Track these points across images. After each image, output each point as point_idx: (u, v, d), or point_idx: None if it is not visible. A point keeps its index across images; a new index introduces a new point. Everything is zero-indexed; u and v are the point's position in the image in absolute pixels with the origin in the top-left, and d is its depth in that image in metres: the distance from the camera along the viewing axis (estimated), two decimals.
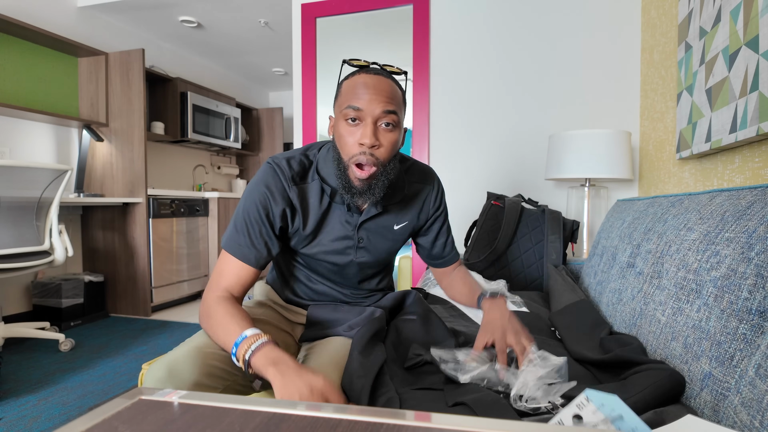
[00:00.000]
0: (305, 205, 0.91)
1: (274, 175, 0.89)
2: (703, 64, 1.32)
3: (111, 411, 0.41)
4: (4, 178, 1.93)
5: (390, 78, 0.86)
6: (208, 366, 0.78)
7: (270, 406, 0.42)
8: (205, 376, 0.77)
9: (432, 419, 0.39)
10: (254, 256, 0.87)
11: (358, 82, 0.83)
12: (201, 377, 0.76)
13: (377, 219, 0.97)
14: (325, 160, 0.92)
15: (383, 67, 0.89)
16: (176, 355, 0.77)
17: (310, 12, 2.62)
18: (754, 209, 0.67)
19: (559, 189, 2.28)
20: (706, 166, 1.39)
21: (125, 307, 3.13)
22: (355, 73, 0.86)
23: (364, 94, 0.82)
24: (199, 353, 0.78)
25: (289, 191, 0.89)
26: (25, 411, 1.67)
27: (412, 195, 1.02)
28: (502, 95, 2.33)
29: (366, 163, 0.82)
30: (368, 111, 0.81)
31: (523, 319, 1.23)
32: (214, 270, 0.88)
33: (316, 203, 0.92)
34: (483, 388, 0.75)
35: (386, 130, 0.83)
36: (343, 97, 0.85)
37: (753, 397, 0.55)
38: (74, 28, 3.16)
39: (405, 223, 1.01)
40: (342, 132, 0.84)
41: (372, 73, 0.84)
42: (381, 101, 0.81)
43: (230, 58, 4.43)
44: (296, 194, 0.90)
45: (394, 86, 0.86)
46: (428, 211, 1.05)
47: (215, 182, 4.72)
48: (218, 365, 0.80)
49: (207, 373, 0.77)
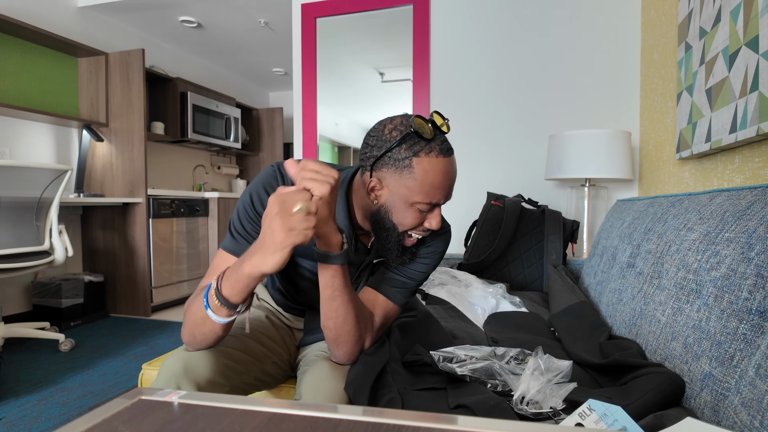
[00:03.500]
0: None
1: (275, 178, 0.83)
2: (703, 64, 1.32)
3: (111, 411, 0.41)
4: (4, 178, 1.93)
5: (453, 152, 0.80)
6: (221, 364, 0.78)
7: (270, 406, 0.42)
8: (219, 374, 0.77)
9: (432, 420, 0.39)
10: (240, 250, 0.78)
11: (440, 171, 0.75)
12: (215, 375, 0.76)
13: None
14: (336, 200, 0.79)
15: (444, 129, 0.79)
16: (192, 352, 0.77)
17: (310, 12, 2.62)
18: (754, 209, 0.67)
19: (559, 189, 2.28)
20: (706, 166, 1.39)
21: (125, 307, 3.13)
22: (430, 151, 0.75)
23: (444, 188, 0.77)
24: (214, 351, 0.78)
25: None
26: (25, 411, 1.67)
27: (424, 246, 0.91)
28: (502, 95, 2.33)
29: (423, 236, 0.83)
30: (444, 201, 0.79)
31: (522, 319, 1.24)
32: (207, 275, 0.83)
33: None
34: (486, 390, 0.75)
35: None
36: (419, 185, 0.75)
37: (753, 397, 0.55)
38: (74, 28, 3.16)
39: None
40: (407, 214, 0.78)
41: (447, 155, 0.77)
42: (452, 190, 0.80)
43: (230, 58, 4.43)
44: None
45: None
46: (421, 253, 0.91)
47: (215, 182, 4.72)
48: (231, 365, 0.80)
49: (220, 372, 0.77)
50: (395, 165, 0.75)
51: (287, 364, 0.97)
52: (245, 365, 0.84)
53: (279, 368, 0.94)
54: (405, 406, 0.71)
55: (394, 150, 0.75)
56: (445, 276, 1.52)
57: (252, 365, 0.86)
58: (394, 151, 0.75)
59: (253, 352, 0.87)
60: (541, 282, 1.66)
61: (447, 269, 1.59)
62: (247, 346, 0.86)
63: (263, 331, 0.94)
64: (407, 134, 0.75)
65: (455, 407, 0.71)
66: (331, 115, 2.69)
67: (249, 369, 0.85)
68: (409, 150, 0.74)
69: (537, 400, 0.70)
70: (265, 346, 0.91)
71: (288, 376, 1.00)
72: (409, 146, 0.74)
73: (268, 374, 0.91)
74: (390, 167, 0.76)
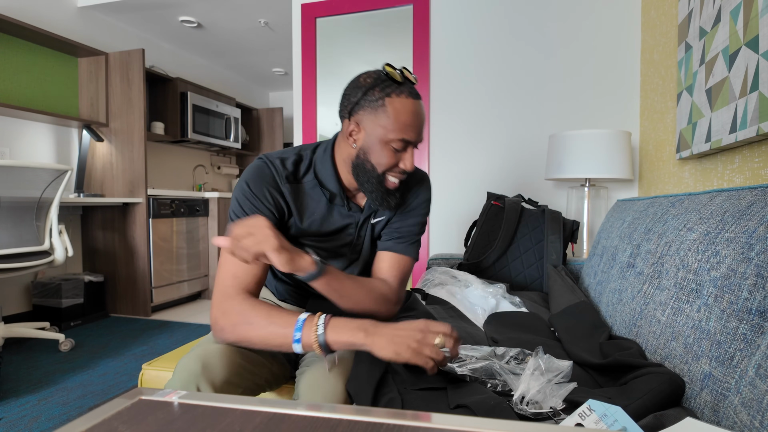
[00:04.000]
0: (299, 202, 0.92)
1: (266, 170, 0.89)
2: (703, 64, 1.32)
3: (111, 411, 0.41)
4: (4, 178, 1.93)
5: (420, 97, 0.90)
6: (236, 365, 0.78)
7: (270, 406, 0.42)
8: (235, 374, 0.77)
9: (432, 419, 0.39)
10: None
11: (410, 111, 0.84)
12: (231, 376, 0.76)
13: (375, 214, 0.99)
14: (322, 164, 0.93)
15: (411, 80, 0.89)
16: (210, 350, 0.77)
17: (310, 12, 2.62)
18: (754, 209, 0.67)
19: (559, 189, 2.28)
20: (706, 166, 1.39)
21: (125, 307, 3.13)
22: (401, 93, 0.84)
23: (416, 127, 0.86)
24: (230, 350, 0.79)
25: (282, 187, 0.90)
26: (25, 411, 1.67)
27: (410, 190, 1.02)
28: (502, 95, 2.33)
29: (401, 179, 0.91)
30: (414, 141, 0.88)
31: (522, 319, 1.24)
32: (218, 274, 0.84)
33: (312, 202, 0.93)
34: (486, 390, 0.75)
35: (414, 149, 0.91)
36: (392, 123, 0.84)
37: (753, 397, 0.55)
38: (74, 28, 3.16)
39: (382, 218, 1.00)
40: (383, 153, 0.86)
41: (415, 97, 0.86)
42: (422, 131, 0.89)
43: (230, 58, 4.43)
44: (289, 191, 0.90)
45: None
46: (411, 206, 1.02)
47: (215, 182, 4.72)
48: (244, 364, 0.81)
49: (236, 372, 0.78)
50: (370, 106, 0.85)
51: (293, 364, 0.98)
52: (257, 366, 0.84)
53: (284, 368, 0.95)
54: (405, 405, 0.71)
55: (369, 93, 0.85)
56: (445, 276, 1.52)
57: (262, 366, 0.87)
58: (369, 93, 0.85)
59: (263, 353, 0.87)
60: (541, 282, 1.66)
61: (447, 269, 1.59)
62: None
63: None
64: (379, 78, 0.85)
65: (455, 407, 0.71)
66: (331, 115, 2.69)
67: (260, 370, 0.86)
68: (382, 92, 0.84)
69: (537, 400, 0.70)
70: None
71: (291, 376, 1.00)
72: (381, 89, 0.84)
73: (274, 374, 0.92)
74: (366, 109, 0.85)
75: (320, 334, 0.72)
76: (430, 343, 0.71)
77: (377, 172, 0.87)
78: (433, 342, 0.71)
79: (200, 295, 3.75)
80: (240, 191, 0.88)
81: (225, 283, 0.82)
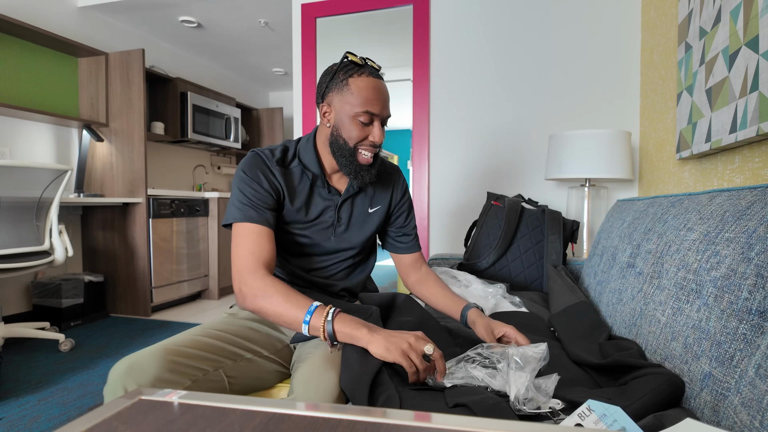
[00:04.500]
0: (290, 185, 1.03)
1: (260, 158, 1.01)
2: (703, 64, 1.32)
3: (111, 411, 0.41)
4: (4, 178, 1.93)
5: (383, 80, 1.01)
6: (170, 362, 0.79)
7: (270, 406, 0.42)
8: (168, 371, 0.78)
9: (432, 419, 0.39)
10: (265, 218, 0.96)
11: (371, 87, 0.96)
12: (163, 372, 0.77)
13: (354, 200, 1.10)
14: (305, 150, 1.05)
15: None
16: (139, 353, 0.80)
17: (310, 12, 2.62)
18: (754, 209, 0.67)
19: (559, 189, 2.28)
20: (706, 166, 1.39)
21: (125, 307, 3.13)
22: (362, 74, 0.96)
23: (378, 101, 0.96)
24: (161, 350, 0.80)
25: (273, 170, 1.01)
26: (25, 411, 1.67)
27: (384, 179, 1.16)
28: (502, 95, 2.33)
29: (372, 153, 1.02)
30: (380, 116, 0.98)
31: (522, 319, 1.24)
32: (235, 253, 0.94)
33: (299, 185, 1.04)
34: (485, 390, 0.75)
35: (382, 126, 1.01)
36: (356, 98, 0.96)
37: (753, 397, 0.55)
38: (74, 28, 3.16)
39: (378, 207, 1.15)
40: (352, 127, 0.97)
41: (376, 77, 0.98)
42: (387, 107, 0.99)
43: (230, 58, 4.43)
44: (281, 175, 1.01)
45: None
46: (397, 197, 1.19)
47: (215, 182, 4.72)
48: (182, 361, 0.82)
49: (169, 369, 0.79)
50: (337, 87, 0.97)
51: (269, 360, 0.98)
52: (202, 361, 0.85)
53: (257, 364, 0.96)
54: (403, 404, 0.71)
55: (335, 76, 0.98)
56: (445, 276, 1.52)
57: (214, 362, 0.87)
58: (335, 77, 0.98)
59: (213, 350, 0.88)
60: (541, 282, 1.66)
61: (447, 269, 1.59)
62: (206, 344, 0.88)
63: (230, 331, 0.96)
64: (342, 63, 0.98)
65: (454, 406, 0.70)
66: None
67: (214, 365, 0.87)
68: (345, 74, 0.97)
69: (529, 397, 0.70)
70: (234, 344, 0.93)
71: (282, 374, 1.00)
72: (345, 72, 0.97)
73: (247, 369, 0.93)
74: (333, 90, 0.98)
75: (329, 321, 0.81)
76: (419, 350, 0.77)
77: (349, 146, 0.98)
78: (423, 349, 0.77)
79: (200, 295, 3.75)
80: (239, 180, 0.99)
81: (246, 258, 0.92)
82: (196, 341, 0.87)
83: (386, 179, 1.17)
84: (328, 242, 1.09)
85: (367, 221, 1.13)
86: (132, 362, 0.77)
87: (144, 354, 0.79)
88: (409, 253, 1.21)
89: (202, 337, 0.89)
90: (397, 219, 1.20)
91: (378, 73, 0.99)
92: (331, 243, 1.09)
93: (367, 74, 0.97)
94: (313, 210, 1.06)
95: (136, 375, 0.76)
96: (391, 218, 1.20)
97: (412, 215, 1.22)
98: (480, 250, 1.72)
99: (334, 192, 1.07)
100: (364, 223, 1.12)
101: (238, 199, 0.97)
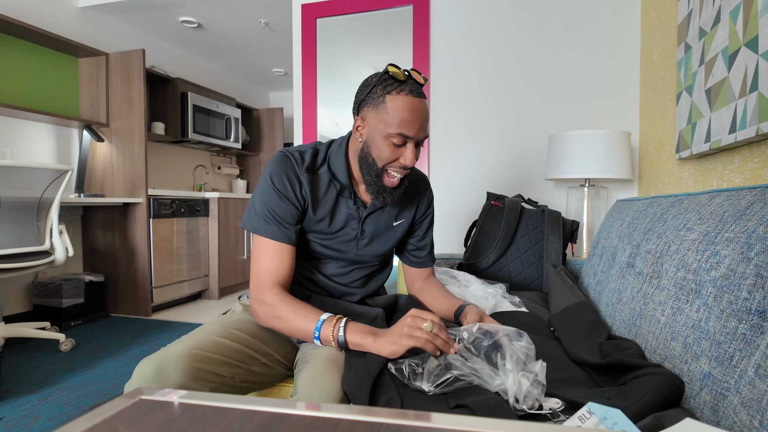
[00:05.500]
0: (315, 192, 0.99)
1: (289, 163, 0.97)
2: (703, 64, 1.32)
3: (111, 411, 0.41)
4: (5, 179, 1.93)
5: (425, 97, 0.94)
6: (195, 369, 0.79)
7: (270, 406, 0.42)
8: (191, 379, 0.78)
9: (432, 419, 0.39)
10: (287, 235, 0.95)
11: (408, 107, 0.89)
12: (187, 380, 0.78)
13: (379, 213, 1.06)
14: (336, 156, 1.00)
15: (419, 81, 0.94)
16: (167, 355, 0.79)
17: (310, 12, 2.62)
18: (754, 209, 0.68)
19: (559, 189, 2.28)
20: (706, 166, 1.39)
21: (125, 307, 3.13)
22: (401, 91, 0.89)
23: (415, 123, 0.90)
24: (187, 355, 0.80)
25: (301, 177, 0.97)
26: (25, 411, 1.67)
27: (412, 191, 1.11)
28: (502, 95, 2.33)
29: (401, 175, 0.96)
30: (415, 138, 0.92)
31: (522, 319, 1.24)
32: (253, 267, 0.94)
33: (325, 194, 1.00)
34: (485, 391, 0.75)
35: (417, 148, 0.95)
36: (391, 118, 0.89)
37: (752, 397, 0.55)
38: (75, 28, 3.16)
39: (402, 220, 1.11)
40: (384, 147, 0.92)
41: (416, 95, 0.90)
42: (424, 129, 0.93)
43: (230, 58, 4.43)
44: (308, 181, 0.97)
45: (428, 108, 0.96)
46: (421, 211, 1.15)
47: (215, 182, 4.72)
48: (205, 368, 0.82)
49: (193, 377, 0.79)
50: (373, 103, 0.91)
51: (279, 363, 0.98)
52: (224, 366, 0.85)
53: (269, 368, 0.96)
54: (404, 405, 0.71)
55: (373, 90, 0.91)
56: (445, 276, 1.52)
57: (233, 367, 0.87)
58: (373, 91, 0.91)
59: (234, 355, 0.88)
60: (540, 282, 1.66)
61: (447, 269, 1.59)
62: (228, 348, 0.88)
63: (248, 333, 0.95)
64: (382, 77, 0.91)
65: (454, 407, 0.71)
66: (331, 115, 2.69)
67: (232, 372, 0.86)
68: (383, 90, 0.90)
69: (528, 393, 0.70)
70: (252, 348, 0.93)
71: (285, 375, 1.00)
72: (383, 87, 0.90)
73: (258, 374, 0.93)
74: (370, 106, 0.92)
75: (341, 335, 0.84)
76: (419, 326, 0.80)
77: (377, 166, 0.94)
78: (422, 326, 0.80)
79: (200, 295, 3.76)
80: (266, 187, 0.96)
81: (260, 276, 0.93)
82: (219, 345, 0.86)
83: (414, 192, 1.12)
84: (349, 254, 1.05)
85: (390, 234, 1.09)
86: (160, 366, 0.76)
87: (171, 358, 0.78)
88: (420, 268, 1.19)
89: (224, 339, 0.89)
90: (417, 231, 1.16)
91: (420, 90, 0.92)
92: (352, 255, 1.06)
93: (407, 92, 0.89)
94: (337, 221, 1.02)
95: (162, 381, 0.76)
96: (412, 231, 1.17)
97: (431, 229, 1.19)
98: (480, 250, 1.72)
99: (360, 204, 1.03)
100: (387, 236, 1.09)
101: (262, 210, 0.94)
